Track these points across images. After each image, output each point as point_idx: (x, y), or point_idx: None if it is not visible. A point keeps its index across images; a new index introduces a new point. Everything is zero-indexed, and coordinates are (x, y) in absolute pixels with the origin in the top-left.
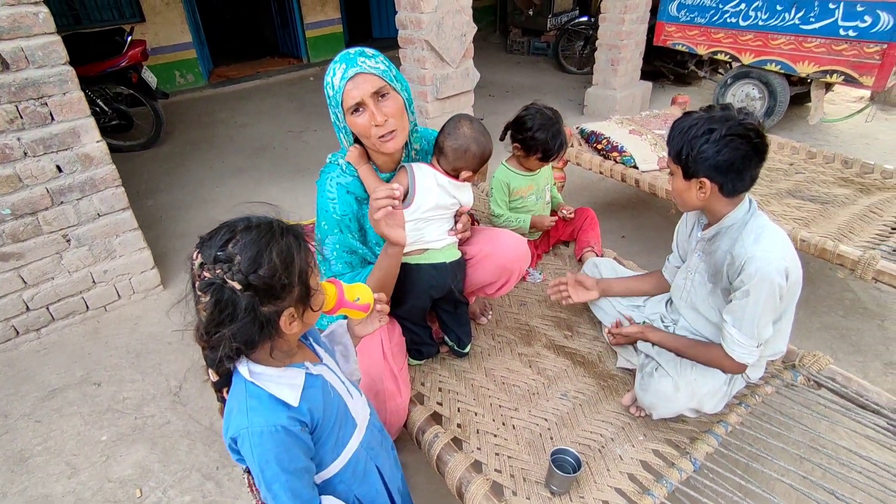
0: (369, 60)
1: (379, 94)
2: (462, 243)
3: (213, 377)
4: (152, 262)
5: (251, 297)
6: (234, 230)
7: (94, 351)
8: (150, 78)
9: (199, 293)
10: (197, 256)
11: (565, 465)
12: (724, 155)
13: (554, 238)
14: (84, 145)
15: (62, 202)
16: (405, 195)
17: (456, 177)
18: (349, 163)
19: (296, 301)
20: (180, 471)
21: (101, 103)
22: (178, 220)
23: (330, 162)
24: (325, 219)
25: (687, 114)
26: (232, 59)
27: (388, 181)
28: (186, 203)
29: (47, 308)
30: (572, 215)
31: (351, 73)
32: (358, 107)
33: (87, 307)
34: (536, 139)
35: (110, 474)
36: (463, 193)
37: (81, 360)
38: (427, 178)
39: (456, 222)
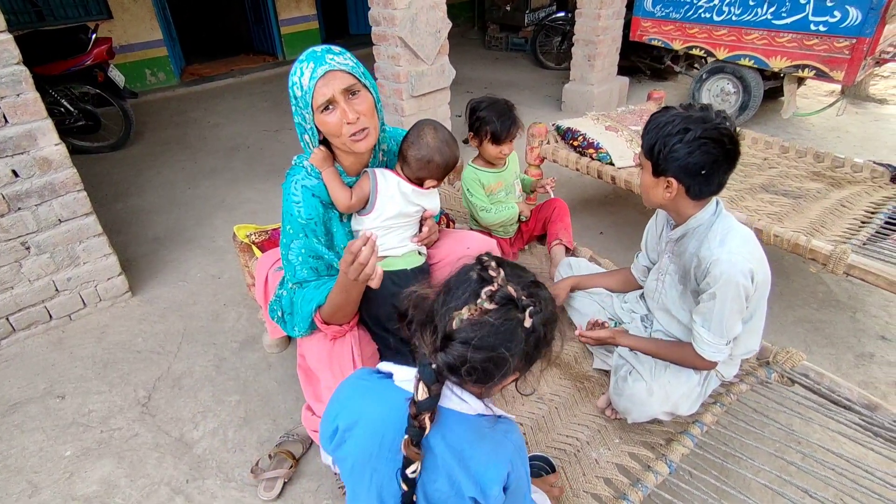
0: (338, 57)
1: (350, 92)
2: (429, 246)
3: (423, 394)
4: (119, 269)
5: (526, 339)
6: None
7: (58, 362)
8: (118, 77)
9: (485, 297)
10: (498, 270)
11: (539, 473)
12: (694, 157)
13: (527, 234)
14: (41, 148)
15: (20, 208)
16: (366, 202)
17: (420, 185)
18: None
19: (522, 369)
20: (148, 485)
21: (65, 103)
22: (149, 224)
23: (295, 164)
24: (290, 223)
25: (665, 108)
26: (205, 57)
27: (351, 185)
28: (157, 206)
29: (7, 319)
30: (551, 187)
31: (321, 72)
32: (329, 104)
33: (51, 316)
34: (482, 119)
35: (74, 491)
36: (427, 200)
37: (44, 372)
38: (390, 186)
39: (421, 227)
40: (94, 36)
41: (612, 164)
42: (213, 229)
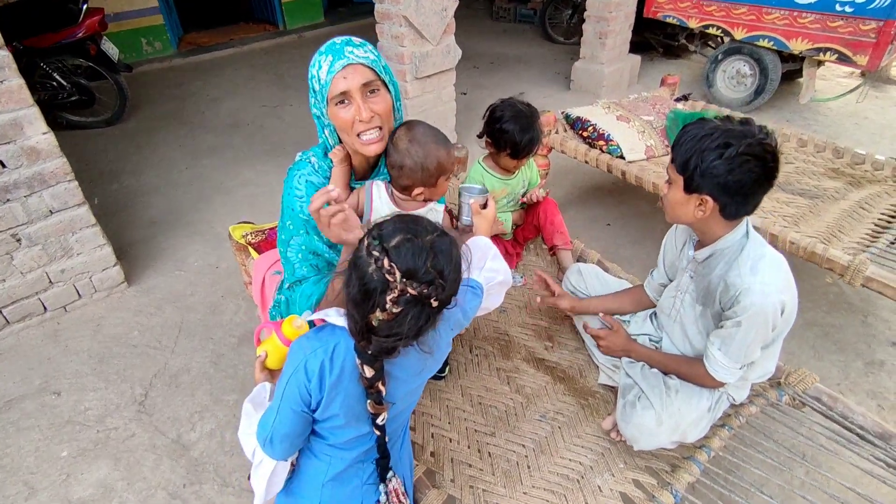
0: (358, 50)
1: (368, 89)
2: None
3: (369, 373)
4: (114, 259)
5: (439, 307)
6: (420, 234)
7: (54, 356)
8: (111, 49)
9: (390, 304)
10: (393, 270)
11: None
12: (735, 175)
13: (521, 237)
14: (29, 138)
15: (8, 199)
16: (360, 216)
17: (409, 196)
18: (329, 159)
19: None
20: (145, 489)
21: (57, 77)
22: (146, 207)
23: (300, 159)
24: (290, 218)
25: (702, 120)
26: (203, 25)
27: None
28: (154, 187)
29: (0, 311)
30: (542, 195)
31: (339, 66)
32: (344, 98)
33: (45, 308)
34: (504, 131)
35: (70, 495)
36: None
37: (40, 367)
38: (383, 206)
39: None
40: (84, 6)
41: (622, 157)
42: (212, 213)
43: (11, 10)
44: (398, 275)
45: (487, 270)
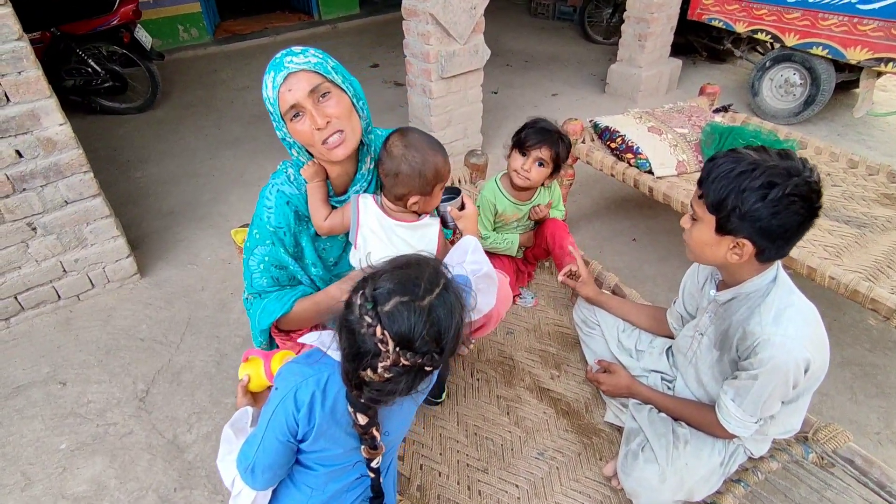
0: (297, 57)
1: (318, 94)
2: None
3: (363, 420)
4: (128, 251)
5: (433, 369)
6: (418, 296)
7: (64, 345)
8: (144, 38)
9: (382, 370)
10: (385, 339)
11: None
12: (780, 219)
13: (532, 257)
14: (45, 129)
15: (25, 189)
16: (347, 231)
17: (405, 207)
18: (300, 175)
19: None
20: (137, 489)
21: (92, 63)
22: (166, 196)
23: (280, 168)
24: (258, 227)
25: (734, 152)
26: (240, 13)
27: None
28: (176, 176)
29: (15, 297)
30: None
31: (280, 79)
32: (296, 111)
33: (59, 296)
34: (524, 125)
35: (65, 489)
36: (418, 238)
37: (50, 355)
38: (370, 219)
39: None
40: None
41: (650, 172)
42: (229, 206)
43: None
44: (391, 345)
45: (470, 263)
